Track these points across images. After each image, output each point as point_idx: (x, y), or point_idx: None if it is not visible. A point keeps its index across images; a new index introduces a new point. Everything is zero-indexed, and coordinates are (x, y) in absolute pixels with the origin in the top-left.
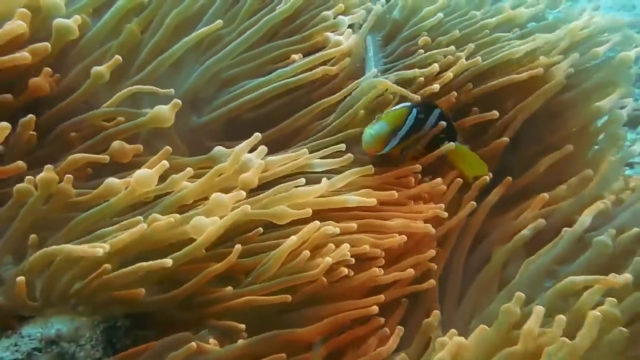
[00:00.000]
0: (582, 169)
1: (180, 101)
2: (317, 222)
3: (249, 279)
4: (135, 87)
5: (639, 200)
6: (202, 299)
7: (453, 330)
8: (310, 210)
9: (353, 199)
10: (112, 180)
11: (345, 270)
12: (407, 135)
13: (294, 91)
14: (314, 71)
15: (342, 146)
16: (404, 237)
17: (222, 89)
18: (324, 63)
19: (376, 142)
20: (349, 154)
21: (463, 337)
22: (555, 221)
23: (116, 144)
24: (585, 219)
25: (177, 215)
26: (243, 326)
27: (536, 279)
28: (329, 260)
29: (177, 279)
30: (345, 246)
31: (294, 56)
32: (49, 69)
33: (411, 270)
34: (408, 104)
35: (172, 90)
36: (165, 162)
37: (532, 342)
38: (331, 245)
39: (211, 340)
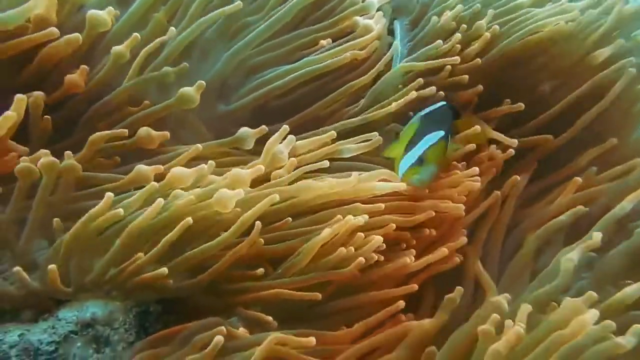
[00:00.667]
0: (625, 155)
1: (204, 82)
2: (350, 217)
3: (279, 271)
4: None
5: None
6: (231, 286)
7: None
8: (335, 183)
9: (381, 185)
10: (142, 167)
11: (375, 257)
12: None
13: (322, 77)
14: (342, 56)
15: (375, 134)
16: (432, 213)
17: (249, 77)
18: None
19: (425, 186)
20: (378, 137)
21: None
22: (596, 209)
23: (142, 130)
24: (627, 204)
25: (198, 190)
26: (270, 318)
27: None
28: (361, 260)
29: (207, 266)
30: (378, 239)
31: (322, 42)
32: (86, 67)
33: (444, 251)
34: (442, 132)
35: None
36: (204, 166)
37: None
38: (360, 235)
39: (241, 328)
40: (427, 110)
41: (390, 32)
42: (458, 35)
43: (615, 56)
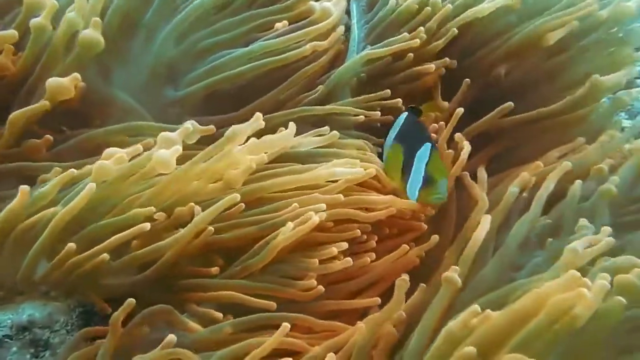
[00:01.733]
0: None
1: (180, 148)
2: (312, 214)
3: (237, 268)
4: None
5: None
6: (184, 283)
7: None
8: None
9: (340, 171)
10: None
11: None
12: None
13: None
14: (302, 49)
15: (326, 129)
16: (393, 210)
17: (199, 60)
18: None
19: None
20: (334, 132)
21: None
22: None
23: (51, 80)
24: (551, 183)
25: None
26: (220, 315)
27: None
28: (312, 280)
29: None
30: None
31: (278, 24)
32: (11, 47)
33: (405, 247)
34: (428, 144)
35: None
36: (179, 147)
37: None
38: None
39: (192, 323)
40: (396, 129)
41: (347, 12)
42: (421, 29)
43: (568, 37)
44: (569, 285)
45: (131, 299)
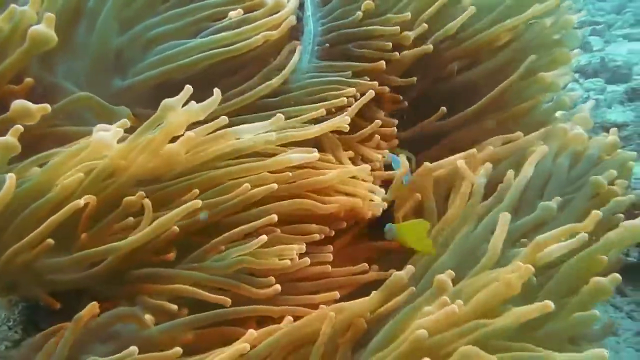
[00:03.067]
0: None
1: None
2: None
3: (195, 258)
4: None
5: None
6: (137, 274)
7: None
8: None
9: (295, 156)
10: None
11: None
12: None
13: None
14: (254, 39)
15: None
16: (346, 205)
17: (148, 49)
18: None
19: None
20: (279, 114)
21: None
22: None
23: (17, 103)
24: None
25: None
26: (176, 307)
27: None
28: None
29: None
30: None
31: (232, 13)
32: None
33: None
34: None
35: None
36: (120, 130)
37: None
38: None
39: (146, 316)
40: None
41: (300, 5)
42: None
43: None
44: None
45: (94, 302)
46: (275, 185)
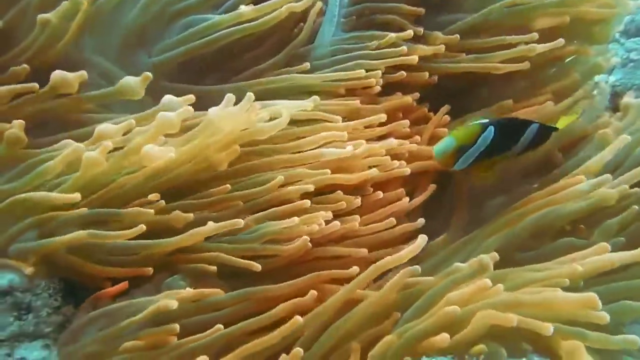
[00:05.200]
0: None
1: (150, 74)
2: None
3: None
4: None
5: None
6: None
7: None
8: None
9: (328, 151)
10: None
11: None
12: (485, 155)
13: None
14: (278, 12)
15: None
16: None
17: (171, 24)
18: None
19: (443, 158)
20: (315, 96)
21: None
22: None
23: (56, 74)
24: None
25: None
26: (213, 268)
27: None
28: (305, 239)
29: None
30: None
31: None
32: None
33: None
34: (486, 120)
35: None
36: (132, 121)
37: None
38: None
39: (187, 288)
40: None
41: None
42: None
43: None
44: None
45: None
46: (312, 187)
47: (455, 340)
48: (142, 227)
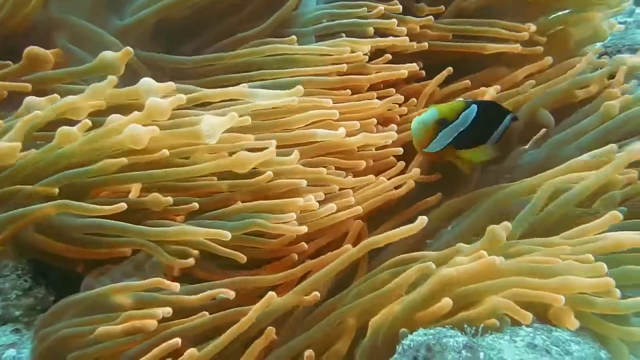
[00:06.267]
0: None
1: (131, 49)
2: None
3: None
4: None
5: None
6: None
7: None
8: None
9: (321, 132)
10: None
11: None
12: (463, 137)
13: None
14: None
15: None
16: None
17: None
18: None
19: (421, 131)
20: (298, 86)
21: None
22: None
23: (30, 49)
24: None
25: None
26: (197, 252)
27: None
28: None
29: None
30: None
31: None
32: None
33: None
34: (470, 100)
35: None
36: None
37: None
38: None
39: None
40: None
41: None
42: None
43: None
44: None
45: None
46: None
47: (462, 316)
48: (123, 205)
